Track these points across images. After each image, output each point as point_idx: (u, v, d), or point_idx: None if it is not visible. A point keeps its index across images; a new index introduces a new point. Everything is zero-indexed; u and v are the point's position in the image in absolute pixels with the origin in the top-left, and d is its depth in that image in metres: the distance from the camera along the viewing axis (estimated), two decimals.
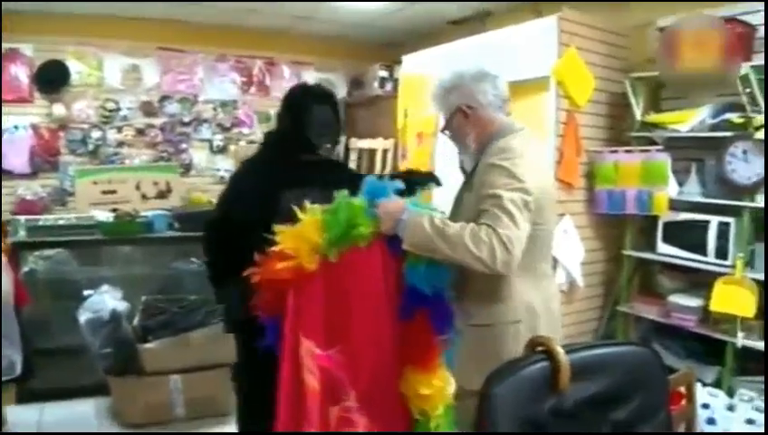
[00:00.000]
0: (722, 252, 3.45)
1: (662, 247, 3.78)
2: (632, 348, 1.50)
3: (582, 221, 4.00)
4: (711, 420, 2.99)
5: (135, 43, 6.12)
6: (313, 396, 1.94)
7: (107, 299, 3.85)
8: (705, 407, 3.02)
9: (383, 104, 6.26)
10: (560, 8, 3.82)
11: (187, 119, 6.46)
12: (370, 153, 6.23)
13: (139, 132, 6.25)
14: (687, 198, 3.69)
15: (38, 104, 5.84)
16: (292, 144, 2.63)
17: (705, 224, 3.53)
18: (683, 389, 2.62)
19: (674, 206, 3.71)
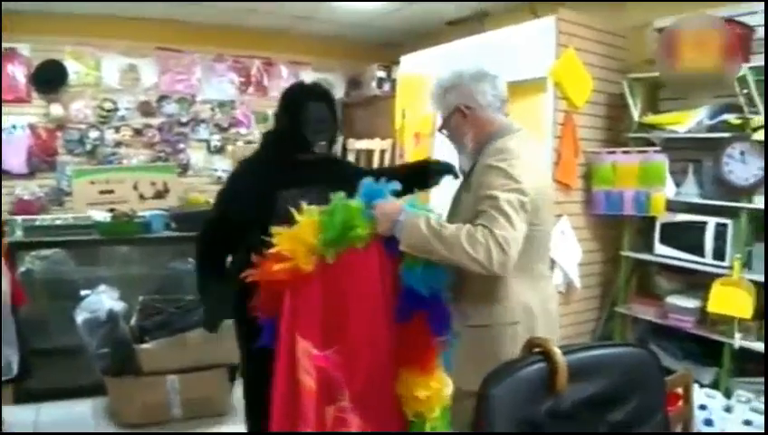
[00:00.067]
0: (719, 253, 3.46)
1: (659, 248, 3.79)
2: (629, 349, 1.50)
3: (580, 222, 4.00)
4: (708, 422, 2.99)
5: (133, 43, 6.12)
6: (309, 396, 1.95)
7: (104, 299, 3.84)
8: (703, 408, 3.02)
9: (381, 105, 6.26)
10: (557, 9, 3.83)
11: (184, 119, 6.46)
12: (368, 154, 6.24)
13: (137, 132, 6.26)
14: (685, 199, 3.70)
15: (36, 104, 5.84)
16: (288, 143, 2.61)
17: (703, 225, 3.54)
18: (680, 390, 2.63)
19: (671, 207, 3.72)
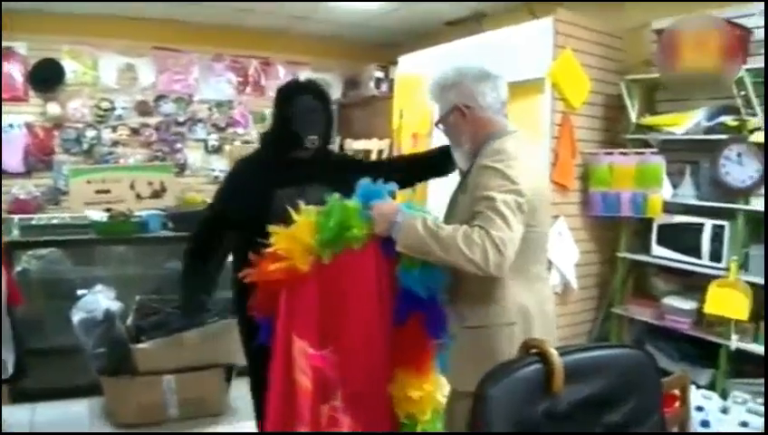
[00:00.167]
0: (716, 255, 3.46)
1: (656, 250, 3.79)
2: (626, 351, 1.50)
3: (577, 223, 4.00)
4: (705, 423, 2.99)
5: (130, 43, 6.12)
6: (305, 395, 1.95)
7: (100, 299, 3.83)
8: (699, 409, 3.02)
9: (379, 105, 6.26)
10: (555, 10, 3.83)
11: (182, 118, 6.47)
12: (365, 154, 6.23)
13: (134, 132, 6.26)
14: (682, 201, 3.70)
15: (33, 103, 5.84)
16: (282, 141, 2.60)
17: (700, 227, 3.54)
18: (677, 391, 2.63)
19: (668, 208, 3.72)
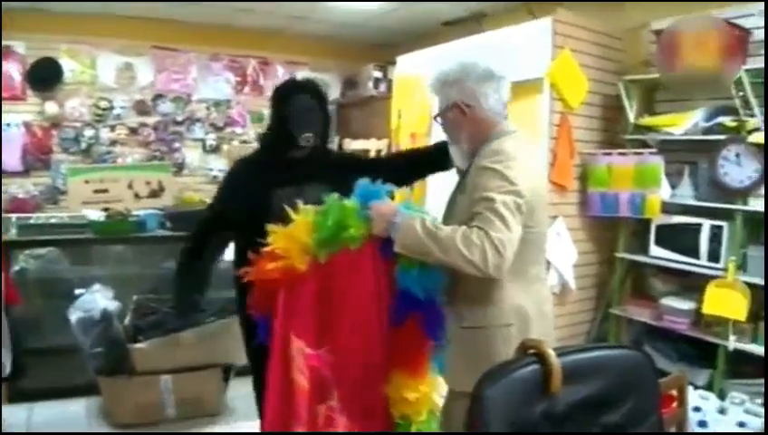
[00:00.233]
0: (714, 255, 3.46)
1: (655, 250, 3.79)
2: (624, 351, 1.49)
3: (575, 223, 4.00)
4: (702, 423, 2.99)
5: (129, 42, 6.12)
6: (302, 394, 1.95)
7: (98, 298, 3.83)
8: (697, 410, 3.02)
9: (377, 105, 6.26)
10: (554, 10, 3.82)
11: (180, 118, 6.46)
12: (364, 154, 6.21)
13: (132, 131, 6.25)
14: (680, 201, 3.70)
15: (31, 102, 5.83)
16: (279, 141, 2.59)
17: (698, 227, 3.54)
18: (674, 392, 2.62)
19: (667, 209, 3.72)
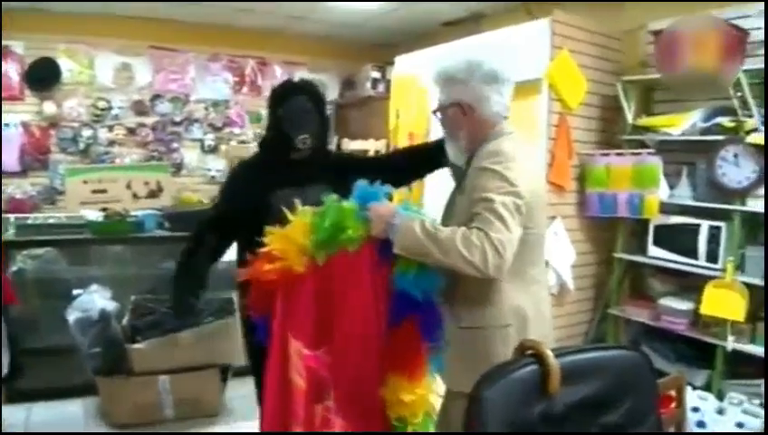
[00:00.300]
0: (712, 255, 3.46)
1: (653, 251, 3.79)
2: (622, 352, 1.49)
3: (573, 224, 4.00)
4: (701, 424, 2.99)
5: (127, 42, 6.12)
6: (299, 395, 1.95)
7: (96, 299, 3.82)
8: (695, 410, 3.02)
9: (375, 105, 6.26)
10: (552, 11, 3.82)
11: (178, 118, 6.46)
12: (363, 154, 6.22)
13: (131, 131, 6.25)
14: (678, 202, 3.70)
15: (29, 102, 5.83)
16: (276, 143, 2.57)
17: (696, 227, 3.54)
18: (673, 392, 2.63)
19: (665, 209, 3.72)
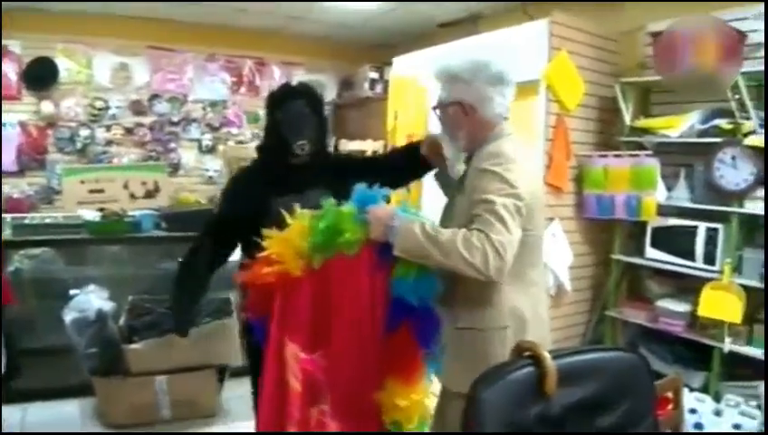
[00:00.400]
0: (710, 257, 3.46)
1: (650, 252, 3.79)
2: (619, 354, 1.49)
3: (571, 225, 4.00)
4: (698, 425, 3.00)
5: (125, 42, 6.11)
6: (295, 397, 1.95)
7: (93, 299, 3.81)
8: (693, 412, 3.03)
9: (373, 106, 6.26)
10: (550, 12, 3.82)
11: (176, 118, 6.45)
12: (361, 154, 6.22)
13: (128, 131, 6.24)
14: (676, 204, 3.71)
15: (26, 101, 5.82)
16: (274, 148, 2.54)
17: (694, 229, 3.54)
18: (670, 394, 2.63)
19: (662, 211, 3.72)
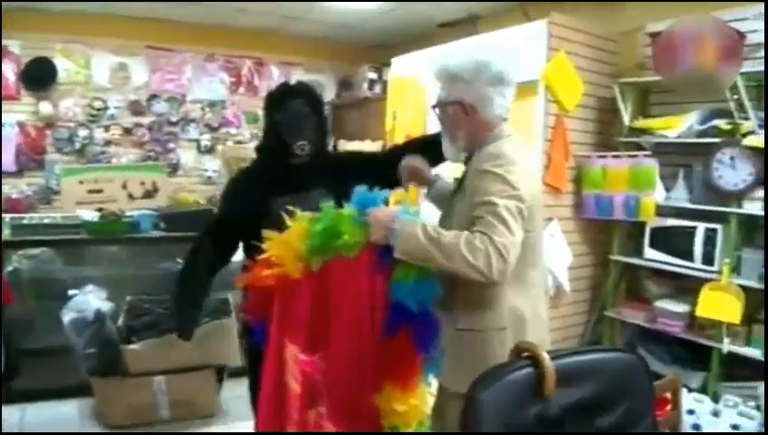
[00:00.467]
0: (708, 258, 3.46)
1: (649, 253, 3.79)
2: (618, 354, 1.49)
3: (570, 226, 4.00)
4: (696, 426, 3.00)
5: (123, 42, 6.10)
6: (294, 398, 1.95)
7: (91, 299, 3.82)
8: (691, 413, 3.03)
9: (372, 106, 6.26)
10: (549, 12, 3.82)
11: (174, 118, 6.45)
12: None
13: (127, 131, 6.24)
14: (675, 204, 3.71)
15: (25, 102, 5.81)
16: (274, 149, 2.52)
17: (692, 230, 3.54)
18: (668, 395, 2.64)
19: (661, 211, 3.72)
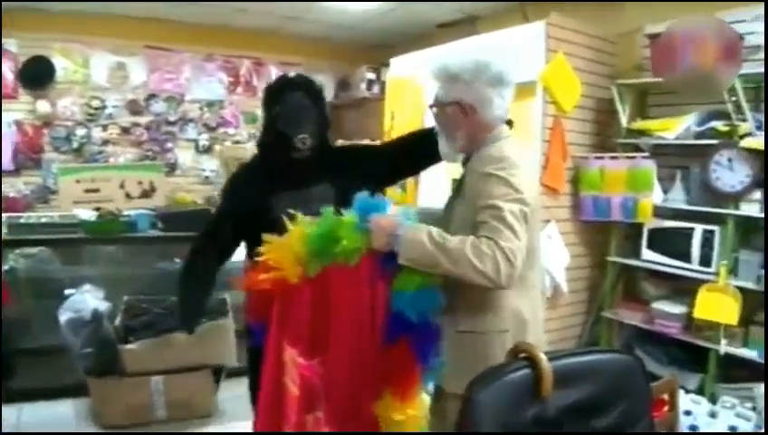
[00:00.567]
0: (706, 259, 3.47)
1: (646, 254, 3.80)
2: (615, 355, 1.50)
3: (567, 227, 4.00)
4: (693, 427, 2.99)
5: (122, 41, 6.11)
6: (292, 401, 1.94)
7: (88, 299, 3.80)
8: (688, 414, 3.03)
9: (370, 106, 6.26)
10: (548, 13, 3.82)
11: (172, 118, 6.45)
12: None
13: (125, 131, 6.24)
14: (672, 206, 3.71)
15: (22, 100, 5.80)
16: (274, 143, 2.47)
17: (690, 231, 3.55)
18: (666, 396, 2.64)
19: (659, 213, 3.73)
